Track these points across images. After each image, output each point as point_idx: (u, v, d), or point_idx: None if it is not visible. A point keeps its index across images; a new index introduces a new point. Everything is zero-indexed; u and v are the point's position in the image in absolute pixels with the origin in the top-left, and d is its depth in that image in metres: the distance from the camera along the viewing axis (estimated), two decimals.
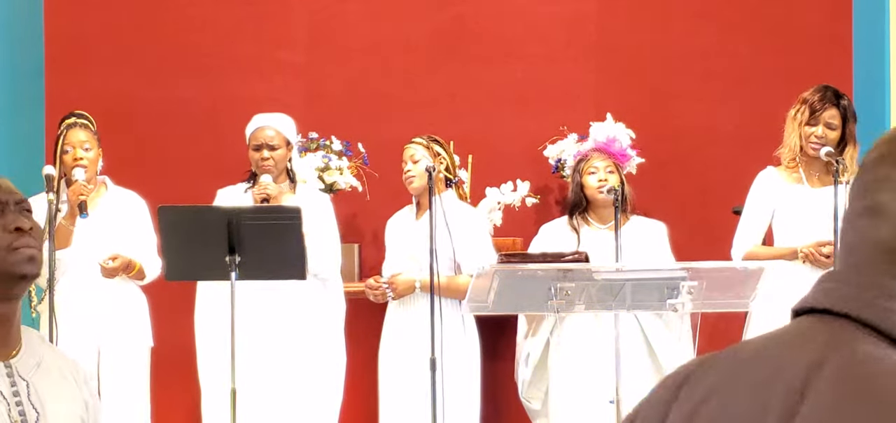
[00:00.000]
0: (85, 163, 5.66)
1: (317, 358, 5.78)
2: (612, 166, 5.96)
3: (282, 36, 6.93)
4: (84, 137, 5.71)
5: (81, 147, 5.68)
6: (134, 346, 5.76)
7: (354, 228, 6.70)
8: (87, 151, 5.70)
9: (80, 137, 5.71)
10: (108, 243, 5.69)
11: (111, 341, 5.70)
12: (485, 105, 6.91)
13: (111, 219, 5.75)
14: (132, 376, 5.75)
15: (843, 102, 5.74)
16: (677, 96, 6.92)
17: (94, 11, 6.89)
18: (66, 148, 5.69)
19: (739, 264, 5.53)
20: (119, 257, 5.66)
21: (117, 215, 5.80)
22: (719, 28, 6.93)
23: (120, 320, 5.73)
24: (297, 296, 5.70)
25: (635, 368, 5.72)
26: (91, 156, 5.71)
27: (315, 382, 5.76)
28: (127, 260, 5.68)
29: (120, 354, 5.72)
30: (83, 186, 5.56)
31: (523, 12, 6.95)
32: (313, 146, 6.58)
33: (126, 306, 5.76)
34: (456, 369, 5.73)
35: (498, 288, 5.10)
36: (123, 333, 5.74)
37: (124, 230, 5.77)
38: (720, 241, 6.08)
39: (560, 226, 6.05)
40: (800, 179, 5.79)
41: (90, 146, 5.72)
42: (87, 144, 5.70)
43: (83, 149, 5.68)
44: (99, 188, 5.82)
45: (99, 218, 5.73)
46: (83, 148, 5.69)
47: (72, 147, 5.69)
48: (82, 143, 5.70)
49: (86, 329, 5.64)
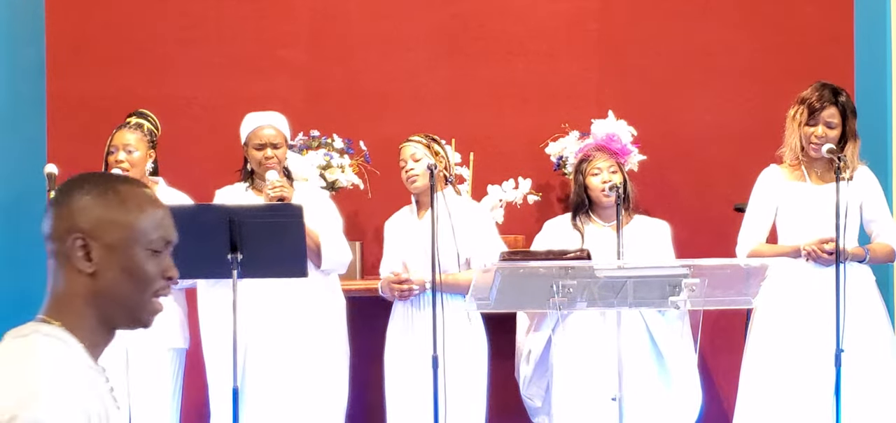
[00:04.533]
0: (126, 166, 5.66)
1: (323, 355, 5.77)
2: (615, 166, 5.96)
3: (283, 34, 6.93)
4: (130, 139, 5.73)
5: (125, 150, 5.71)
6: (162, 347, 5.70)
7: (356, 225, 6.69)
8: (131, 153, 5.72)
9: (126, 138, 5.73)
10: None
11: (139, 342, 5.58)
12: (486, 102, 6.91)
13: None
14: (160, 377, 5.70)
15: (841, 99, 5.73)
16: (679, 93, 6.91)
17: (95, 11, 6.88)
18: (111, 149, 5.73)
19: (741, 262, 5.53)
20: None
21: None
22: (721, 25, 6.92)
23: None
24: (303, 293, 5.69)
25: (638, 366, 5.71)
26: (135, 158, 5.72)
27: (322, 379, 5.75)
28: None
29: (148, 355, 5.65)
30: None
31: (525, 9, 6.94)
32: (315, 144, 6.58)
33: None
34: (463, 366, 5.72)
35: (500, 285, 5.10)
36: (152, 334, 5.70)
37: None
38: (722, 238, 6.08)
39: (564, 223, 6.05)
40: (802, 176, 5.79)
41: (135, 148, 5.73)
42: (131, 147, 5.72)
43: (126, 151, 5.71)
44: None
45: None
46: (127, 150, 5.71)
47: (116, 149, 5.72)
48: (127, 145, 5.72)
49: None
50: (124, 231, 2.26)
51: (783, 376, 5.67)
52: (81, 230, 2.24)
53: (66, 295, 2.26)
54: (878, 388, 5.64)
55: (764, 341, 5.74)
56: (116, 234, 2.26)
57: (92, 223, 2.25)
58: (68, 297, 2.26)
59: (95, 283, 2.25)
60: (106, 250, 2.25)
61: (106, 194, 2.26)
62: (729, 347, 6.59)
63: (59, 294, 2.26)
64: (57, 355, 2.20)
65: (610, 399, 5.38)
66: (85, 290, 2.25)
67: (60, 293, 2.26)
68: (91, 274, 2.25)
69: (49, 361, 2.18)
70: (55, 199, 2.30)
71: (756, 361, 5.76)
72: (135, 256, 2.27)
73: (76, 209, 2.26)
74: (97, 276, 2.25)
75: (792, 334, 5.68)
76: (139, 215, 2.28)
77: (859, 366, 5.57)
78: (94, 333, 2.26)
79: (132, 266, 2.27)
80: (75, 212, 2.25)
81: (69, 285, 2.26)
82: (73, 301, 2.25)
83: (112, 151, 5.72)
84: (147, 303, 2.30)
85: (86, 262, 2.25)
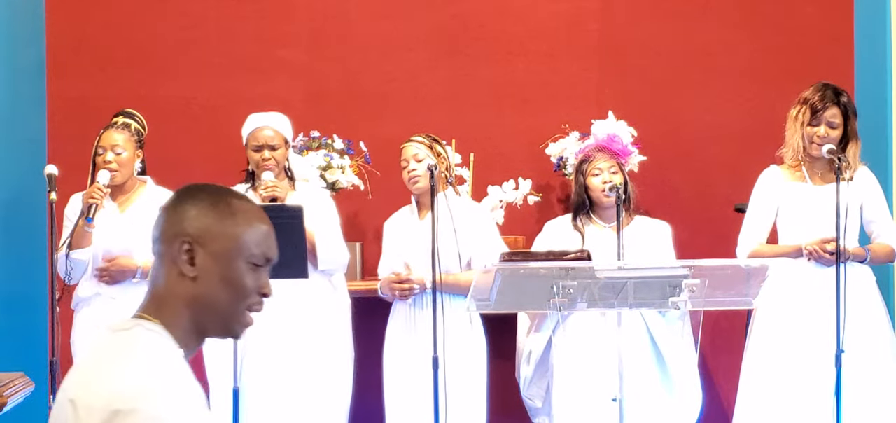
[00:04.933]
0: (114, 166, 5.66)
1: (326, 356, 5.77)
2: (615, 167, 5.96)
3: (283, 34, 6.93)
4: (118, 140, 5.72)
5: (113, 150, 5.70)
6: None
7: (356, 226, 6.69)
8: (120, 154, 5.70)
9: (114, 139, 5.72)
10: (137, 242, 5.68)
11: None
12: (486, 103, 6.91)
13: (142, 219, 5.72)
14: None
15: (842, 100, 5.73)
16: (679, 94, 6.91)
17: (95, 11, 6.88)
18: (99, 150, 5.72)
19: (742, 262, 5.52)
20: (115, 260, 5.65)
21: (150, 216, 5.78)
22: (721, 26, 6.92)
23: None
24: (306, 294, 5.70)
25: (638, 366, 5.71)
26: (123, 158, 5.71)
27: (325, 380, 5.75)
28: (122, 264, 5.66)
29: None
30: (96, 189, 5.54)
31: (525, 10, 6.94)
32: (315, 145, 6.58)
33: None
34: (463, 367, 5.72)
35: (500, 286, 5.10)
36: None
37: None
38: (722, 238, 6.08)
39: (565, 223, 6.04)
40: (803, 177, 5.79)
41: (123, 149, 5.72)
42: (119, 147, 5.71)
43: (115, 152, 5.70)
44: (137, 188, 5.82)
45: (133, 218, 5.74)
46: (115, 151, 5.70)
47: (104, 150, 5.70)
48: (114, 146, 5.71)
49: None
50: (229, 242, 2.36)
51: (783, 376, 5.66)
52: (189, 236, 2.35)
53: (167, 296, 2.36)
54: (879, 388, 5.64)
55: (764, 342, 5.74)
56: (222, 244, 2.36)
57: (200, 231, 2.35)
58: (168, 298, 2.36)
59: (195, 288, 2.35)
60: (210, 257, 2.35)
61: (218, 205, 2.37)
62: (729, 347, 6.58)
63: (159, 294, 2.36)
64: (163, 349, 2.30)
65: (610, 400, 5.38)
66: (185, 293, 2.35)
67: (161, 294, 2.36)
68: (193, 279, 2.35)
69: (157, 355, 2.28)
70: (169, 204, 2.41)
71: (756, 361, 5.75)
72: (236, 267, 2.37)
73: (187, 216, 2.36)
74: (198, 281, 2.35)
75: (792, 335, 5.67)
76: (246, 228, 2.38)
77: (860, 366, 5.56)
78: (187, 335, 2.35)
79: (232, 276, 2.36)
80: (186, 218, 2.36)
81: (170, 287, 2.36)
82: (172, 302, 2.35)
83: (100, 152, 5.70)
84: (240, 314, 2.39)
85: (189, 266, 2.35)
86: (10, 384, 4.42)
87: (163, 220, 2.39)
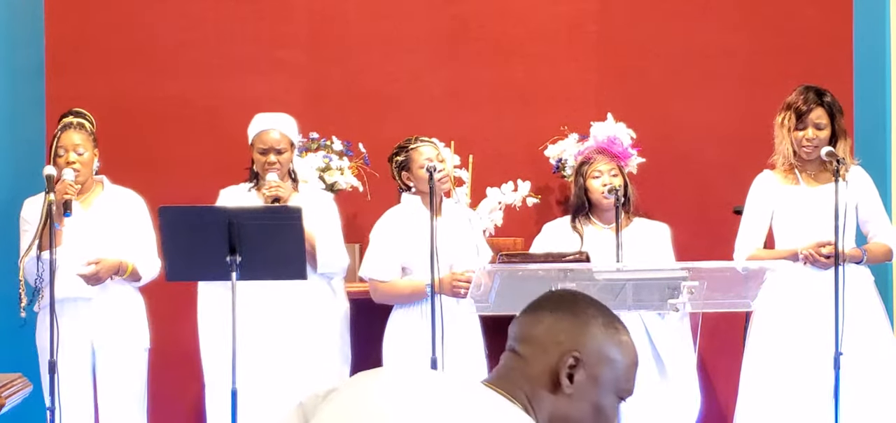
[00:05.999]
0: (77, 166, 5.65)
1: (322, 360, 5.77)
2: (615, 169, 5.96)
3: (282, 35, 6.93)
4: (78, 140, 5.70)
5: (75, 151, 5.69)
6: (129, 347, 5.75)
7: (355, 228, 6.68)
8: (81, 154, 5.70)
9: (73, 139, 5.70)
10: (103, 242, 5.69)
11: (105, 341, 5.70)
12: (485, 105, 6.91)
13: (107, 218, 5.74)
14: (128, 377, 5.74)
15: (826, 99, 5.74)
16: (678, 96, 6.91)
17: (94, 11, 6.88)
18: (60, 151, 5.69)
19: (740, 265, 5.52)
20: (101, 261, 5.64)
21: (113, 214, 5.79)
22: (720, 28, 6.92)
23: (114, 321, 5.73)
24: (305, 297, 5.70)
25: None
26: (85, 158, 5.71)
27: (320, 383, 5.74)
28: (110, 264, 5.66)
29: (115, 355, 5.72)
30: (68, 186, 5.54)
31: (524, 12, 6.94)
32: (314, 146, 6.58)
33: (121, 306, 5.75)
34: (461, 368, 5.71)
35: (499, 288, 5.10)
36: (118, 333, 5.73)
37: (120, 229, 5.76)
38: (721, 240, 6.08)
39: (563, 225, 6.04)
40: (796, 180, 5.79)
41: (84, 149, 5.71)
42: (80, 148, 5.70)
43: (76, 153, 5.69)
44: (95, 188, 5.81)
45: (94, 217, 5.73)
46: (76, 152, 5.69)
47: (65, 150, 5.68)
48: (76, 146, 5.70)
49: (79, 329, 5.65)
50: (613, 372, 2.25)
51: (782, 378, 5.67)
52: (580, 352, 2.22)
53: (528, 399, 2.22)
54: (878, 389, 5.64)
55: (763, 344, 5.74)
56: (606, 372, 2.24)
57: (592, 351, 2.23)
58: (530, 401, 2.22)
59: (564, 405, 2.23)
60: (590, 380, 2.23)
61: (609, 329, 2.25)
62: (728, 349, 6.58)
63: (517, 392, 2.21)
64: None
65: None
66: (552, 407, 2.23)
67: (522, 393, 2.21)
68: (568, 395, 2.22)
69: None
70: (559, 306, 2.27)
71: (755, 363, 5.76)
72: (609, 398, 2.25)
73: (585, 331, 2.24)
74: (570, 400, 2.22)
75: (791, 337, 5.68)
76: (628, 362, 2.27)
77: (858, 368, 5.57)
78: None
79: (603, 406, 2.25)
80: (583, 333, 2.24)
81: (536, 393, 2.22)
82: (533, 408, 2.21)
83: (61, 154, 5.68)
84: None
85: (568, 382, 2.22)
86: (8, 385, 4.43)
87: (548, 323, 2.25)
